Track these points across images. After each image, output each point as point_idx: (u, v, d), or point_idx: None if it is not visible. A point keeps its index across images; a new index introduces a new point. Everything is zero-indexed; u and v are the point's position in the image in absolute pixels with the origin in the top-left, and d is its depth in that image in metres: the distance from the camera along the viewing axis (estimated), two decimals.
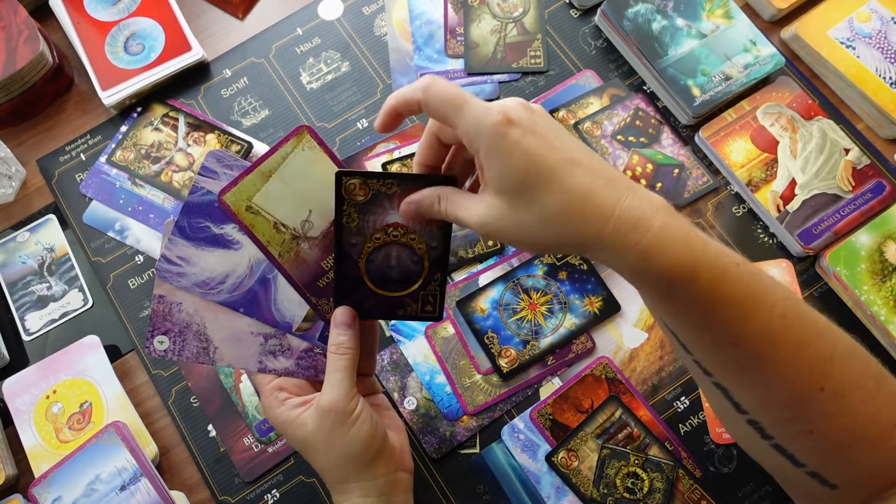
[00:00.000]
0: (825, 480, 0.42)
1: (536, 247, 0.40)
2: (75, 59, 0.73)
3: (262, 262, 0.47)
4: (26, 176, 0.70)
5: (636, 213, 0.36)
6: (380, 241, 0.45)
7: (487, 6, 0.75)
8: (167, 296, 0.47)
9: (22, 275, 0.66)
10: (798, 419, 0.40)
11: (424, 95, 0.39)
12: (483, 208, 0.39)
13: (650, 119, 0.70)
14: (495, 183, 0.38)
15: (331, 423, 0.44)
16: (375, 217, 0.44)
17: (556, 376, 0.62)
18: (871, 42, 0.70)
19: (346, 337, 0.46)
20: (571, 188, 0.36)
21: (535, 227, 0.37)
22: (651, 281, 0.38)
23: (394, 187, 0.44)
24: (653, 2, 0.70)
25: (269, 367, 0.48)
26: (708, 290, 0.37)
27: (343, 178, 0.43)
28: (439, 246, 0.45)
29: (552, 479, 0.58)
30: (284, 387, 0.48)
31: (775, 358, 0.39)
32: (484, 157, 0.37)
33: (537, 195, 0.37)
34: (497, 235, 0.40)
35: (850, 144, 0.67)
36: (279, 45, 0.74)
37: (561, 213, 0.36)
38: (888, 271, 0.62)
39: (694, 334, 0.40)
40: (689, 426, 0.60)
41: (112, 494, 0.55)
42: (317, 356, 0.49)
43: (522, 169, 0.36)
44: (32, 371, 0.61)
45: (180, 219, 0.46)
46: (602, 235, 0.36)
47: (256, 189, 0.45)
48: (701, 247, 0.37)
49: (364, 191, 0.44)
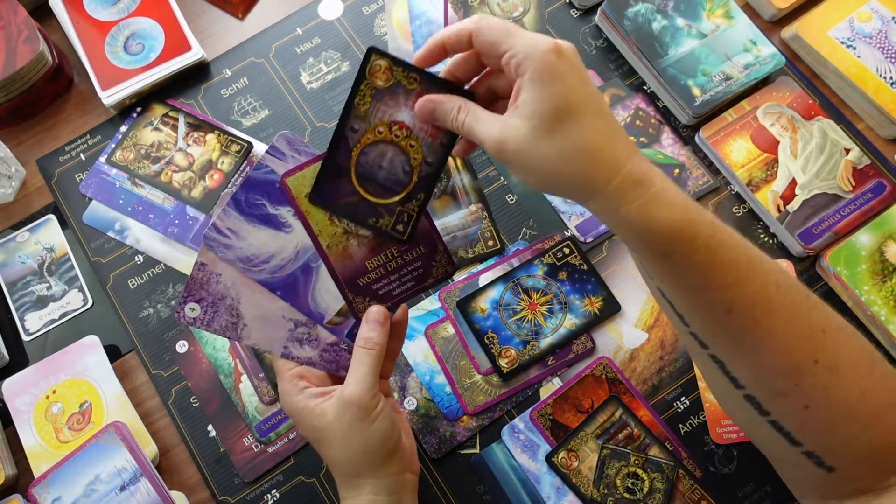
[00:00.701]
0: (821, 461, 0.42)
1: (543, 179, 0.40)
2: (75, 59, 0.73)
3: (309, 250, 0.47)
4: (26, 176, 0.70)
5: (642, 172, 0.38)
6: (381, 135, 0.44)
7: (487, 6, 0.74)
8: (209, 265, 0.46)
9: (22, 275, 0.66)
10: (793, 393, 0.41)
11: (476, 25, 0.40)
12: (504, 128, 0.39)
13: (650, 119, 0.70)
14: (528, 106, 0.38)
15: (351, 415, 0.45)
16: (386, 109, 0.44)
17: (557, 376, 0.62)
18: (872, 42, 0.70)
19: (376, 333, 0.46)
20: (595, 132, 0.38)
21: (551, 158, 0.38)
22: (649, 239, 0.38)
23: (415, 83, 0.43)
24: (653, 2, 0.70)
25: (292, 354, 0.48)
26: (705, 251, 0.38)
27: (372, 55, 0.43)
28: (434, 163, 0.45)
29: (552, 480, 0.58)
30: (305, 375, 0.48)
31: (770, 326, 0.40)
32: (528, 79, 0.38)
33: (564, 128, 0.38)
34: (512, 156, 0.40)
35: (851, 144, 0.66)
36: (279, 45, 0.74)
37: (580, 151, 0.38)
38: (888, 271, 0.62)
39: (690, 300, 0.41)
40: (690, 426, 0.60)
41: (112, 494, 0.55)
42: (341, 352, 0.49)
43: (560, 99, 0.37)
44: (32, 371, 0.61)
45: (238, 192, 0.46)
46: (609, 184, 0.38)
47: None
48: (698, 211, 0.39)
49: (387, 76, 0.43)
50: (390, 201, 0.46)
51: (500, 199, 0.68)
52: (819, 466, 0.42)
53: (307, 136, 0.70)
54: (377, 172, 0.45)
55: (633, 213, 0.38)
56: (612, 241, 0.66)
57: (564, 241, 0.65)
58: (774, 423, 0.42)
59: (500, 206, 0.67)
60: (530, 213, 0.67)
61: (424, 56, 0.43)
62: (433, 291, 0.64)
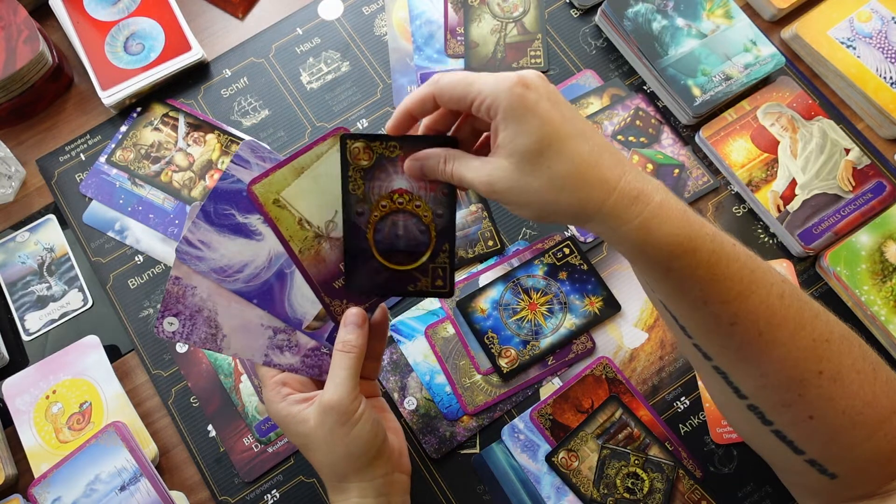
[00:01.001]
0: (824, 469, 0.42)
1: (539, 211, 0.40)
2: (75, 59, 0.73)
3: (282, 257, 0.47)
4: (26, 176, 0.70)
5: (638, 188, 0.38)
6: (386, 208, 0.45)
7: (487, 6, 0.74)
8: (183, 278, 0.46)
9: (22, 275, 0.66)
10: (797, 404, 0.40)
11: (436, 86, 0.41)
12: (491, 169, 0.39)
13: (650, 119, 0.70)
14: (508, 144, 0.38)
15: (332, 421, 0.44)
16: (380, 183, 0.44)
17: (557, 376, 0.62)
18: (872, 42, 0.70)
19: (354, 336, 0.46)
20: (580, 156, 0.38)
21: (542, 190, 0.38)
22: (650, 255, 0.38)
23: (397, 150, 0.44)
24: (653, 1, 0.70)
25: (274, 362, 0.48)
26: (706, 266, 0.38)
27: (347, 142, 0.44)
28: (445, 214, 0.45)
29: (552, 480, 0.58)
30: (288, 382, 0.48)
31: (773, 337, 0.39)
32: (501, 118, 0.38)
33: (547, 159, 0.38)
34: (503, 196, 0.40)
35: (851, 144, 0.66)
36: (279, 45, 0.74)
37: (568, 178, 0.38)
38: (888, 271, 0.62)
39: (693, 314, 0.41)
40: (690, 426, 0.60)
41: (112, 494, 0.55)
42: (323, 356, 0.49)
43: (536, 132, 0.37)
44: (32, 371, 0.61)
45: (207, 203, 0.46)
46: (604, 205, 0.38)
47: (286, 184, 0.46)
48: (699, 223, 0.38)
49: (368, 154, 0.44)
50: (420, 263, 0.46)
51: None
52: (822, 474, 0.42)
53: (307, 135, 0.70)
54: (397, 242, 0.46)
55: (632, 232, 0.38)
56: None
57: (564, 241, 0.65)
58: (778, 432, 0.42)
59: (499, 206, 0.67)
60: None
61: (395, 127, 0.44)
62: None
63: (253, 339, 0.48)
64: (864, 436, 0.40)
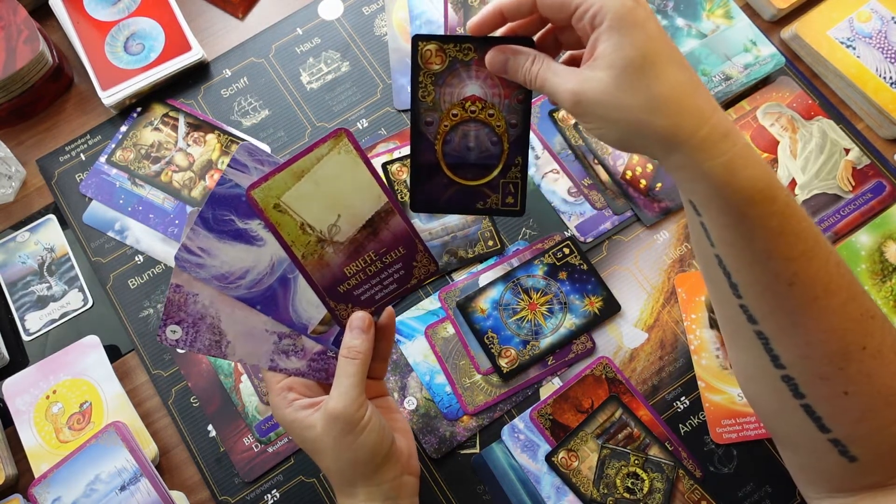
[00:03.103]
0: (846, 450, 0.41)
1: (626, 131, 0.38)
2: (75, 59, 0.73)
3: (284, 262, 0.46)
4: (26, 176, 0.70)
5: (728, 126, 0.37)
6: (457, 117, 0.43)
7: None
8: (184, 286, 0.46)
9: (22, 275, 0.66)
10: (836, 377, 0.39)
11: None
12: (583, 79, 0.38)
13: None
14: (609, 55, 0.37)
15: (338, 429, 0.44)
16: (452, 90, 0.43)
17: (556, 376, 0.62)
18: (872, 42, 0.70)
19: (359, 341, 0.45)
20: (680, 82, 0.37)
21: (636, 108, 0.37)
22: (728, 197, 0.37)
23: (471, 53, 0.42)
24: (653, 2, 0.70)
25: (280, 366, 0.48)
26: (781, 216, 0.37)
27: (419, 44, 0.41)
28: (519, 123, 0.43)
29: (552, 480, 0.58)
30: (294, 387, 0.48)
31: (827, 304, 0.38)
32: (607, 28, 0.37)
33: (648, 78, 0.36)
34: (591, 108, 0.38)
35: (851, 144, 0.67)
36: (279, 45, 0.74)
37: (666, 101, 0.37)
38: (888, 271, 0.62)
39: (753, 268, 0.39)
40: (690, 426, 0.60)
41: (112, 494, 0.55)
42: (329, 360, 0.49)
43: (643, 46, 0.36)
44: (32, 371, 0.61)
45: (205, 209, 0.45)
46: (695, 135, 0.36)
47: (287, 188, 0.44)
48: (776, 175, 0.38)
49: (441, 58, 0.42)
50: (491, 178, 0.44)
51: None
52: (842, 455, 0.41)
53: (307, 135, 0.70)
54: (467, 155, 0.43)
55: (717, 168, 0.36)
56: (612, 241, 0.66)
57: (564, 241, 0.65)
58: (807, 406, 0.41)
59: None
60: (530, 213, 0.67)
61: (480, 24, 0.41)
62: (428, 293, 0.64)
63: (258, 344, 0.47)
64: (893, 418, 0.40)
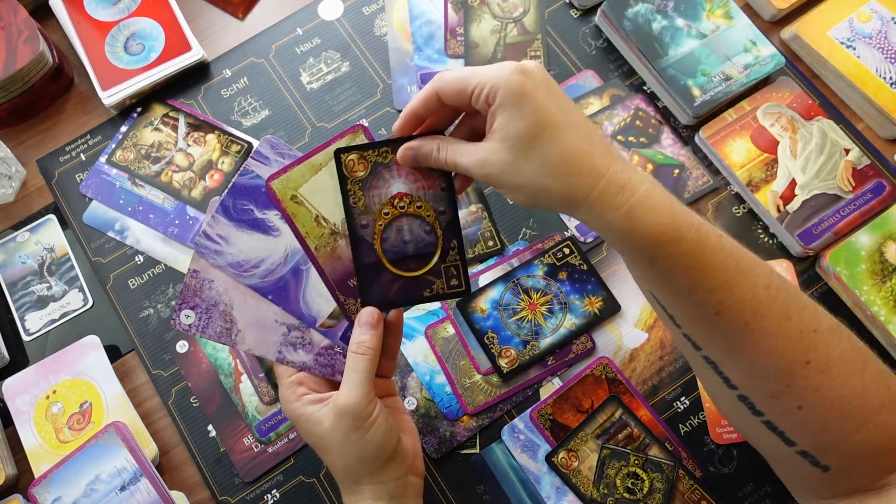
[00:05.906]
0: (816, 461, 0.42)
1: (530, 196, 0.41)
2: (75, 59, 0.73)
3: (298, 253, 0.48)
4: (26, 176, 0.70)
5: (625, 177, 0.39)
6: (388, 216, 0.46)
7: (487, 6, 0.75)
8: (201, 271, 0.47)
9: (22, 275, 0.66)
10: (785, 394, 0.41)
11: (439, 82, 0.42)
12: (485, 153, 0.41)
13: (650, 119, 0.70)
14: (503, 129, 0.40)
15: (347, 425, 0.44)
16: (379, 191, 0.45)
17: (556, 376, 0.62)
18: (872, 42, 0.70)
19: (368, 336, 0.46)
20: (572, 144, 0.39)
21: (533, 174, 0.40)
22: (636, 243, 0.39)
23: (389, 155, 0.45)
24: (653, 2, 0.70)
25: (287, 359, 0.48)
26: (691, 255, 0.39)
27: (342, 156, 0.45)
28: (447, 210, 0.46)
29: (552, 480, 0.58)
30: (304, 381, 0.48)
31: (759, 327, 0.40)
32: (499, 103, 0.39)
33: (540, 145, 0.39)
34: (495, 178, 0.41)
35: (851, 144, 0.67)
36: (279, 45, 0.74)
37: (559, 165, 0.39)
38: (888, 271, 0.62)
39: (679, 303, 0.41)
40: (690, 426, 0.60)
41: (112, 494, 0.55)
42: (336, 355, 0.49)
43: (531, 116, 0.39)
44: (32, 371, 0.61)
45: (226, 198, 0.47)
46: (592, 192, 0.39)
47: (304, 180, 0.46)
48: (684, 214, 0.39)
49: (363, 164, 0.45)
50: (432, 265, 0.46)
51: (499, 199, 0.68)
52: (814, 466, 0.42)
53: (307, 136, 0.70)
54: (405, 248, 0.46)
55: (618, 220, 0.39)
56: None
57: (564, 241, 0.65)
58: (768, 423, 0.43)
59: (499, 206, 0.67)
60: (530, 213, 0.67)
61: (400, 128, 0.45)
62: None
63: (267, 334, 0.48)
64: (852, 427, 0.40)
